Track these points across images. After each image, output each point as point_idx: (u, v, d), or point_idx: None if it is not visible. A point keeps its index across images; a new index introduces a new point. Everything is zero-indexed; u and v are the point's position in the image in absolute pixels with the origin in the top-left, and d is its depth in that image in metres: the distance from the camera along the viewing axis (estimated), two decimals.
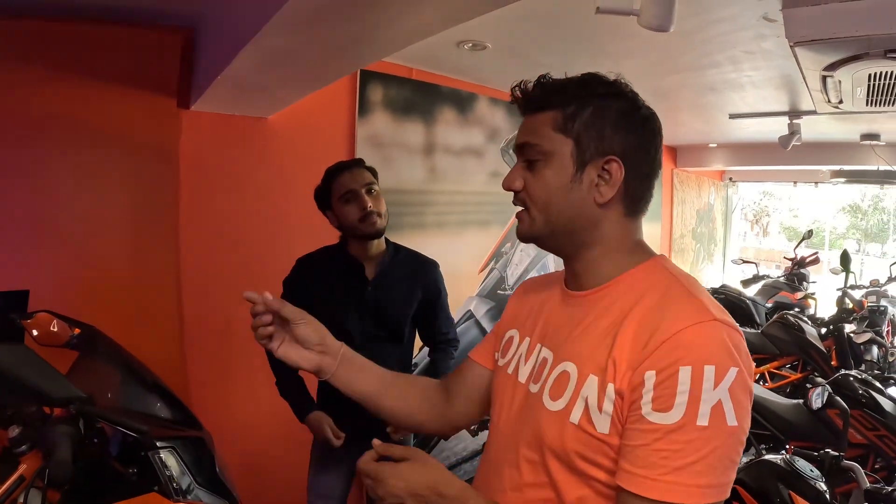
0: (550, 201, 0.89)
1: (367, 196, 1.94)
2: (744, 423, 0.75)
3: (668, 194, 6.56)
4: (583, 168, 0.87)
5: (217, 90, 2.07)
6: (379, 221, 1.95)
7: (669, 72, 3.24)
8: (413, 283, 2.07)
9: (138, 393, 1.61)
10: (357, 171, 1.97)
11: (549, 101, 0.89)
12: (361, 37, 1.60)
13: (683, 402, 0.73)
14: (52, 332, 1.61)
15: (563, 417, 0.83)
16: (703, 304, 0.79)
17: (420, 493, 0.81)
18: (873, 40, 1.97)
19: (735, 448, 0.75)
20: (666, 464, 0.73)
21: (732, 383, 0.73)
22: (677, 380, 0.73)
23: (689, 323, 0.76)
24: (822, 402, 2.81)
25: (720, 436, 0.73)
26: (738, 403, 0.74)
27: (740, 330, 0.80)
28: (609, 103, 0.88)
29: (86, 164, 2.17)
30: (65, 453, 1.27)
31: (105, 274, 2.20)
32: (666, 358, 0.75)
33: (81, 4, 2.01)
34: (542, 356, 0.93)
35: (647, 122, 0.90)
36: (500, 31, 2.56)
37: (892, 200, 19.28)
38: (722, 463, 0.73)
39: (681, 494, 0.72)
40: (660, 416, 0.74)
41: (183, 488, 1.44)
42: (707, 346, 0.74)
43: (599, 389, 0.80)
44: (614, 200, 0.88)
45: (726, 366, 0.73)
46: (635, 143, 0.88)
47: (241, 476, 1.79)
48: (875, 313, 4.92)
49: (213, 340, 2.53)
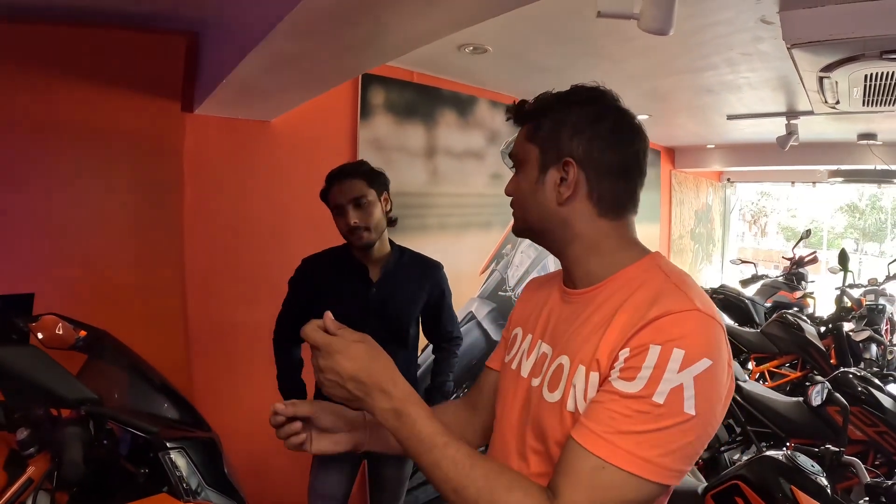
0: (524, 202, 0.97)
1: (353, 210, 1.91)
2: (705, 415, 0.76)
3: (667, 195, 6.59)
4: (545, 172, 0.94)
5: (221, 94, 2.09)
6: (366, 236, 1.93)
7: (667, 74, 3.26)
8: (418, 286, 2.08)
9: (147, 394, 1.62)
10: (346, 184, 1.93)
11: (527, 115, 0.98)
12: (367, 41, 1.62)
13: (646, 376, 0.75)
14: (57, 334, 1.61)
15: (561, 407, 0.86)
16: (687, 297, 0.81)
17: (363, 381, 0.85)
18: (869, 41, 1.99)
19: (686, 437, 0.75)
20: (613, 424, 0.76)
21: (701, 373, 0.75)
22: (646, 356, 0.76)
23: (670, 311, 0.79)
24: (822, 400, 2.83)
25: (673, 418, 0.74)
26: (701, 395, 0.75)
27: (724, 326, 0.82)
28: (572, 110, 0.93)
29: (90, 167, 2.18)
30: (75, 454, 1.28)
31: (110, 277, 2.22)
32: (641, 338, 0.78)
33: (86, 8, 2.02)
34: (542, 351, 0.97)
35: (615, 122, 0.94)
36: (500, 35, 2.58)
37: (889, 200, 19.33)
38: (668, 445, 0.75)
39: (616, 455, 0.75)
40: (623, 383, 0.77)
41: (192, 489, 1.45)
42: (681, 332, 0.77)
43: (586, 378, 0.83)
44: (577, 199, 0.93)
45: (697, 354, 0.75)
46: (598, 145, 0.92)
47: (246, 477, 1.80)
48: (873, 312, 4.94)
49: (218, 342, 2.54)
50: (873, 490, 1.89)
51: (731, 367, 0.81)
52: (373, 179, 1.96)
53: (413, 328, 2.10)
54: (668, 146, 6.54)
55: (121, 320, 1.96)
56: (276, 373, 2.15)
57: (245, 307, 2.59)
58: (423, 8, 1.40)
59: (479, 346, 3.76)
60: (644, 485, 0.75)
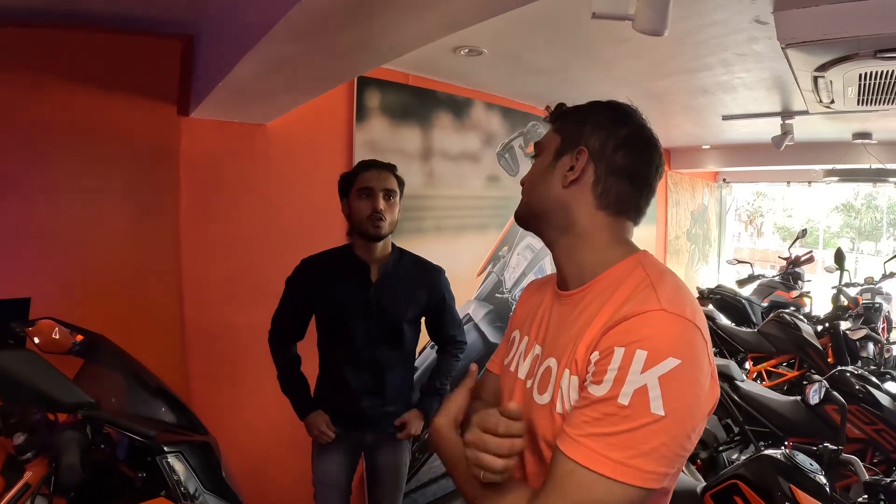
0: (532, 183, 1.04)
1: (382, 199, 1.97)
2: (677, 415, 0.76)
3: (663, 196, 6.60)
4: (559, 157, 1.00)
5: (217, 97, 2.08)
6: (383, 225, 1.97)
7: (662, 75, 3.27)
8: (416, 289, 2.09)
9: (144, 398, 1.61)
10: (384, 174, 2.02)
11: (562, 113, 1.06)
12: (362, 44, 1.62)
13: (611, 378, 0.78)
14: (54, 339, 1.60)
15: (551, 409, 0.89)
16: (655, 296, 0.82)
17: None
18: (863, 41, 1.99)
19: (657, 437, 0.75)
20: (585, 428, 0.78)
21: (667, 373, 0.75)
22: (611, 359, 0.78)
23: (635, 312, 0.80)
24: (820, 398, 2.84)
25: (640, 419, 0.75)
26: (669, 395, 0.75)
27: (699, 324, 0.82)
28: (598, 110, 1.01)
29: (86, 170, 2.17)
30: (73, 458, 1.28)
31: (106, 280, 2.21)
32: (608, 341, 0.81)
33: (81, 12, 2.02)
34: (535, 353, 1.00)
35: (634, 131, 0.98)
36: (495, 37, 2.58)
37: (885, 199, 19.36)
38: (638, 446, 0.75)
39: (587, 457, 0.77)
40: (594, 387, 0.80)
41: (190, 493, 1.44)
42: (643, 333, 0.78)
43: (569, 382, 0.87)
44: (581, 187, 0.97)
45: (662, 355, 0.76)
46: (612, 144, 0.96)
47: (244, 480, 1.80)
48: (870, 310, 4.96)
49: (215, 345, 2.54)
50: (872, 488, 1.90)
51: (712, 365, 0.83)
52: (401, 183, 2.08)
53: (409, 330, 2.10)
54: (664, 147, 6.52)
55: (117, 324, 1.96)
56: (275, 373, 2.15)
57: (241, 310, 2.59)
58: (419, 10, 1.41)
59: (476, 347, 3.76)
60: (616, 487, 0.75)
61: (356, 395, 2.05)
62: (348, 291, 2.02)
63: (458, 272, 3.53)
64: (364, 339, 2.02)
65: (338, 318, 2.04)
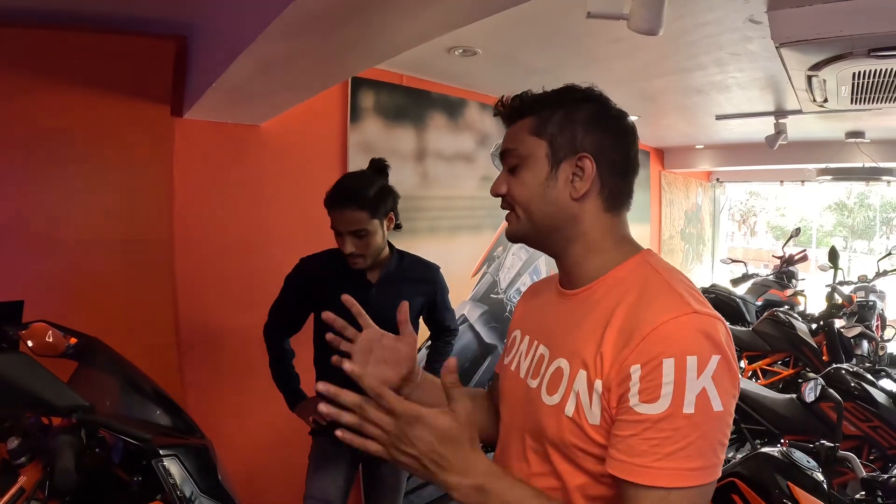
0: (531, 200, 0.95)
1: (350, 239, 1.87)
2: (729, 406, 0.79)
3: (657, 196, 6.62)
4: (557, 166, 0.93)
5: (211, 98, 2.08)
6: (360, 262, 1.92)
7: (656, 75, 3.28)
8: (416, 289, 2.09)
9: (139, 401, 1.60)
10: (346, 215, 1.85)
11: (526, 109, 0.97)
12: (357, 43, 1.61)
13: (669, 392, 0.76)
14: (48, 342, 1.58)
15: (559, 411, 0.87)
16: (682, 298, 0.82)
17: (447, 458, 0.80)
18: (857, 40, 2.00)
19: (722, 430, 0.78)
20: (656, 451, 0.76)
21: (715, 371, 0.77)
22: (661, 371, 0.76)
23: (670, 316, 0.79)
24: (816, 396, 2.85)
25: (707, 421, 0.76)
26: (722, 389, 0.77)
27: (722, 319, 0.83)
28: (579, 106, 0.95)
29: (79, 172, 2.16)
30: (67, 462, 1.27)
31: (99, 282, 2.20)
32: (649, 352, 0.78)
33: (74, 12, 2.01)
34: (539, 353, 0.98)
35: (618, 122, 0.96)
36: (490, 37, 2.58)
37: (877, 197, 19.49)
38: (711, 446, 0.77)
39: (673, 479, 0.75)
40: (647, 406, 0.77)
41: (186, 496, 1.43)
42: (687, 338, 0.78)
43: (588, 384, 0.84)
44: (591, 195, 0.94)
45: (708, 355, 0.77)
46: (608, 142, 0.94)
47: (240, 483, 1.79)
48: (864, 308, 4.99)
49: (209, 347, 2.53)
50: (869, 484, 1.90)
51: (734, 355, 0.82)
52: (376, 208, 1.89)
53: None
54: (658, 147, 6.57)
55: (111, 327, 1.94)
56: (269, 365, 2.16)
57: (236, 312, 2.57)
58: (413, 10, 1.40)
59: (472, 348, 3.76)
60: (704, 490, 0.77)
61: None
62: (348, 292, 2.01)
63: (453, 273, 3.52)
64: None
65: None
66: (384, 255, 2.05)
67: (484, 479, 0.80)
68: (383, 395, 0.80)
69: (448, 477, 0.79)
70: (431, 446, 0.79)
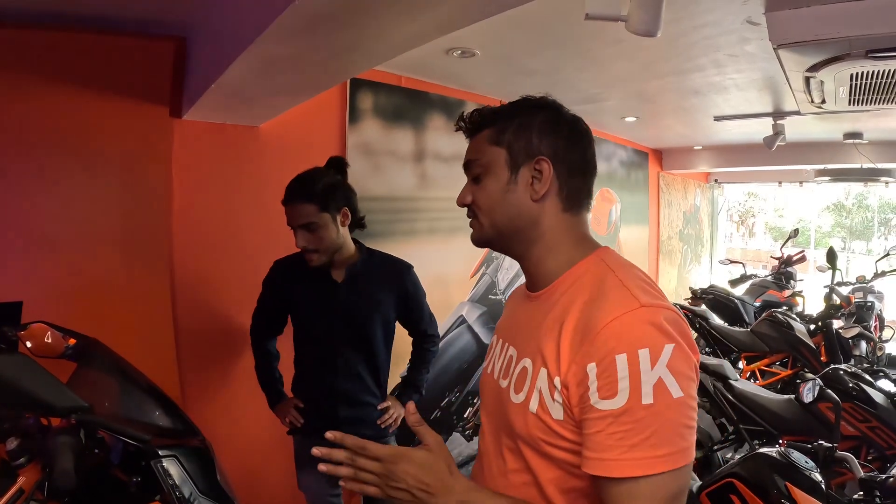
0: (494, 206, 1.01)
1: (301, 233, 1.90)
2: (689, 390, 0.82)
3: (655, 197, 6.62)
4: (517, 171, 0.99)
5: (210, 99, 2.08)
6: (315, 258, 1.93)
7: (655, 76, 3.28)
8: (383, 287, 2.07)
9: (138, 402, 1.60)
10: (295, 209, 1.91)
11: (484, 121, 1.04)
12: (357, 44, 1.62)
13: (626, 386, 0.79)
14: (46, 343, 1.59)
15: (524, 408, 0.92)
16: (631, 294, 0.86)
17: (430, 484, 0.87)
18: (854, 41, 2.01)
19: (686, 415, 0.81)
20: (622, 444, 0.80)
21: (670, 359, 0.80)
22: (616, 367, 0.80)
23: (620, 313, 0.83)
24: (814, 396, 2.85)
25: (668, 409, 0.79)
26: (679, 375, 0.80)
27: (673, 308, 0.86)
28: (534, 114, 1.01)
29: (78, 172, 2.16)
30: (66, 463, 1.27)
31: (98, 283, 2.20)
32: (602, 349, 0.82)
33: (73, 14, 2.01)
34: (509, 354, 1.03)
35: (572, 125, 1.02)
36: (488, 38, 2.58)
37: (875, 198, 19.53)
38: (676, 431, 0.80)
39: (641, 468, 0.79)
40: (607, 402, 0.81)
41: (185, 497, 1.43)
42: (637, 332, 0.81)
43: (549, 381, 0.89)
44: (550, 196, 0.99)
45: (660, 345, 0.80)
46: (563, 145, 0.99)
47: (238, 483, 1.79)
48: (862, 309, 4.99)
49: (208, 348, 2.53)
50: (867, 484, 1.91)
51: (691, 341, 0.86)
52: (326, 202, 1.91)
53: (379, 331, 2.07)
54: (656, 148, 6.58)
55: (110, 328, 1.94)
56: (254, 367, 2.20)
57: (234, 313, 2.57)
58: (412, 11, 1.40)
59: (470, 349, 3.76)
60: (677, 474, 0.80)
61: (327, 397, 2.05)
62: (314, 292, 2.02)
63: (452, 274, 3.54)
64: (331, 340, 2.01)
65: (305, 318, 2.06)
66: (349, 253, 2.04)
67: (464, 495, 0.88)
68: (366, 446, 0.89)
69: (436, 500, 0.87)
70: (416, 478, 0.87)
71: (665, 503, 0.80)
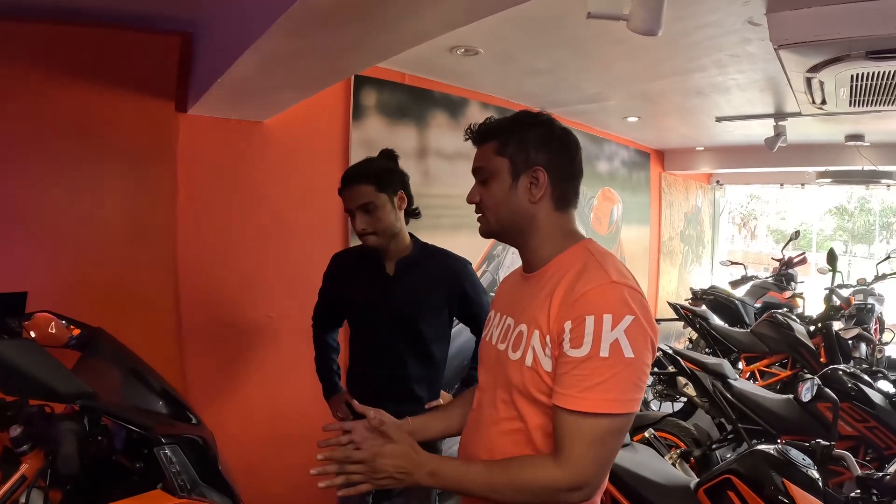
0: (498, 206, 1.23)
1: (360, 216, 1.90)
2: (642, 356, 1.05)
3: (657, 198, 6.62)
4: (517, 179, 1.21)
5: (215, 94, 2.09)
6: (373, 240, 1.92)
7: (657, 76, 3.29)
8: (434, 282, 2.02)
9: (141, 391, 1.61)
10: (354, 190, 1.90)
11: (490, 134, 1.25)
12: (361, 41, 1.63)
13: (590, 340, 1.03)
14: (51, 333, 1.60)
15: (521, 363, 1.15)
16: (607, 273, 1.09)
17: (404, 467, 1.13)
18: (855, 42, 2.02)
19: (636, 374, 1.04)
20: (580, 384, 1.04)
21: (628, 327, 1.03)
22: (584, 325, 1.04)
23: (594, 285, 1.07)
24: (812, 396, 2.86)
25: (619, 363, 1.02)
26: (633, 340, 1.03)
27: (640, 290, 1.10)
28: (531, 129, 1.22)
29: (84, 166, 2.18)
30: (70, 449, 1.28)
31: (103, 275, 2.22)
32: (576, 311, 1.06)
33: (80, 8, 2.03)
34: (507, 323, 1.26)
35: (563, 138, 1.23)
36: (492, 37, 2.60)
37: (877, 202, 19.49)
38: (626, 384, 1.03)
39: (592, 405, 1.02)
40: (574, 351, 1.05)
41: (187, 485, 1.44)
42: (606, 301, 1.05)
43: (541, 340, 1.12)
44: (545, 198, 1.21)
45: (622, 314, 1.04)
46: (555, 156, 1.21)
47: (240, 474, 1.79)
48: (862, 311, 4.99)
49: (211, 341, 2.55)
50: (864, 482, 1.91)
51: (650, 319, 1.08)
52: (383, 183, 1.92)
53: (430, 326, 2.02)
54: (658, 149, 6.58)
55: (114, 318, 1.95)
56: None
57: (238, 306, 2.59)
58: (417, 8, 1.42)
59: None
60: (617, 420, 1.04)
61: (374, 392, 1.97)
62: (366, 285, 2.01)
63: None
64: (381, 334, 2.00)
65: (356, 311, 2.07)
66: (405, 244, 2.02)
67: (430, 465, 1.13)
68: (349, 455, 1.14)
69: (412, 477, 1.12)
70: (394, 466, 1.12)
71: (598, 440, 1.03)
